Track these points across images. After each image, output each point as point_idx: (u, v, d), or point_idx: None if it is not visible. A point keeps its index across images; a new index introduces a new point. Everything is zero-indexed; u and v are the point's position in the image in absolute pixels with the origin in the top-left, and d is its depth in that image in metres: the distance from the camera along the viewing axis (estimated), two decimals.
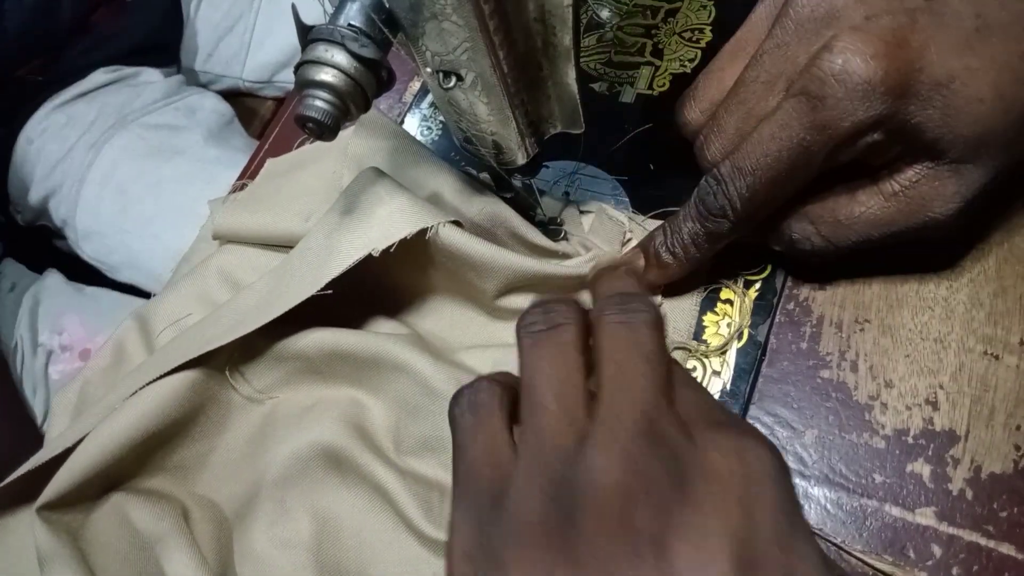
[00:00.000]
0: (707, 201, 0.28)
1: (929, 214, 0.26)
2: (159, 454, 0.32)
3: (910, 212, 0.27)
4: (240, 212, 0.38)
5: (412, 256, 0.31)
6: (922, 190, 0.26)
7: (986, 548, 0.26)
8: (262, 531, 0.30)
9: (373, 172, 0.31)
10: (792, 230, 0.29)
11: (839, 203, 0.28)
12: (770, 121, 0.26)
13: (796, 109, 0.25)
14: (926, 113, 0.24)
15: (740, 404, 0.30)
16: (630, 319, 0.22)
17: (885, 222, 0.27)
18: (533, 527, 0.19)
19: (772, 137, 0.26)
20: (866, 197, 0.27)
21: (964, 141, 0.25)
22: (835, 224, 0.28)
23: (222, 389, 0.33)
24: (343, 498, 0.30)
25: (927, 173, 0.26)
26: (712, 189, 0.28)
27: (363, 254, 0.29)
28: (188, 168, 0.74)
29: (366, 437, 0.32)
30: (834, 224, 0.28)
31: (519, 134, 0.28)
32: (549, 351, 0.22)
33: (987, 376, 0.28)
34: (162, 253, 0.71)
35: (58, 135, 0.77)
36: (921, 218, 0.27)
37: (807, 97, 0.25)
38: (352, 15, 0.24)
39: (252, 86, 0.89)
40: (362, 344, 0.31)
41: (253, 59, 0.87)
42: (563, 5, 0.24)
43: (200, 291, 0.37)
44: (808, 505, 0.28)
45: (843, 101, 0.24)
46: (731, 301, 0.32)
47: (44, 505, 0.30)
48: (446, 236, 0.30)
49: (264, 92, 0.90)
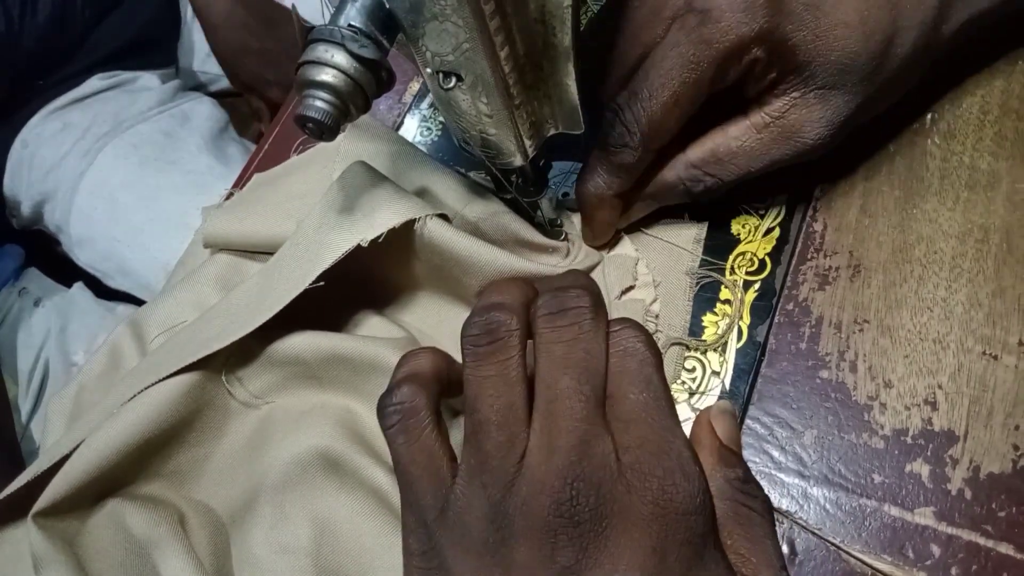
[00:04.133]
0: (609, 134, 0.29)
1: (799, 140, 0.28)
2: (155, 460, 0.32)
3: (783, 140, 0.28)
4: (229, 219, 0.38)
5: (399, 251, 0.31)
6: (791, 119, 0.28)
7: (985, 548, 0.26)
8: (261, 536, 0.30)
9: (360, 166, 0.31)
10: (682, 178, 0.30)
11: (716, 143, 0.29)
12: (661, 45, 0.27)
13: (684, 26, 0.27)
14: (800, 35, 0.26)
15: (740, 404, 0.30)
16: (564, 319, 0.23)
17: (761, 153, 0.29)
18: (474, 542, 0.22)
19: (663, 57, 0.27)
20: (739, 132, 0.29)
21: (830, 65, 0.26)
22: (717, 163, 0.29)
23: (218, 394, 0.33)
24: (342, 502, 0.30)
25: (796, 102, 0.27)
26: (611, 120, 0.29)
27: (351, 245, 0.29)
28: (180, 178, 0.74)
29: (363, 442, 0.32)
30: (716, 163, 0.29)
31: (519, 134, 0.28)
32: (490, 370, 0.23)
33: (986, 376, 0.28)
34: (151, 263, 0.71)
35: (52, 141, 0.76)
36: (793, 145, 0.28)
37: (693, 14, 0.26)
38: (352, 16, 0.24)
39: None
40: (359, 349, 0.31)
41: None
42: (563, 5, 0.24)
43: (195, 297, 0.37)
44: (807, 505, 0.28)
45: (727, 14, 0.26)
46: (730, 301, 0.32)
47: (40, 512, 0.30)
48: (432, 230, 0.30)
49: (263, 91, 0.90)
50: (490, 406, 0.23)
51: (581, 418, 0.22)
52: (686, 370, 0.31)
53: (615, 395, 0.23)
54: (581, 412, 0.22)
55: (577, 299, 0.23)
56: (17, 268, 0.77)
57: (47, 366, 0.68)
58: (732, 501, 0.24)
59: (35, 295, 0.74)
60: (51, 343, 0.69)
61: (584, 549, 0.20)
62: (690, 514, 0.21)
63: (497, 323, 0.23)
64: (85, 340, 0.70)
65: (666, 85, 0.27)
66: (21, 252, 0.79)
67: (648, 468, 0.21)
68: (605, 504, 0.21)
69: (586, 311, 0.23)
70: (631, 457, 0.22)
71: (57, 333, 0.70)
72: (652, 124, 0.28)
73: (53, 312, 0.72)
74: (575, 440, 0.21)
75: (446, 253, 0.30)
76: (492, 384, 0.23)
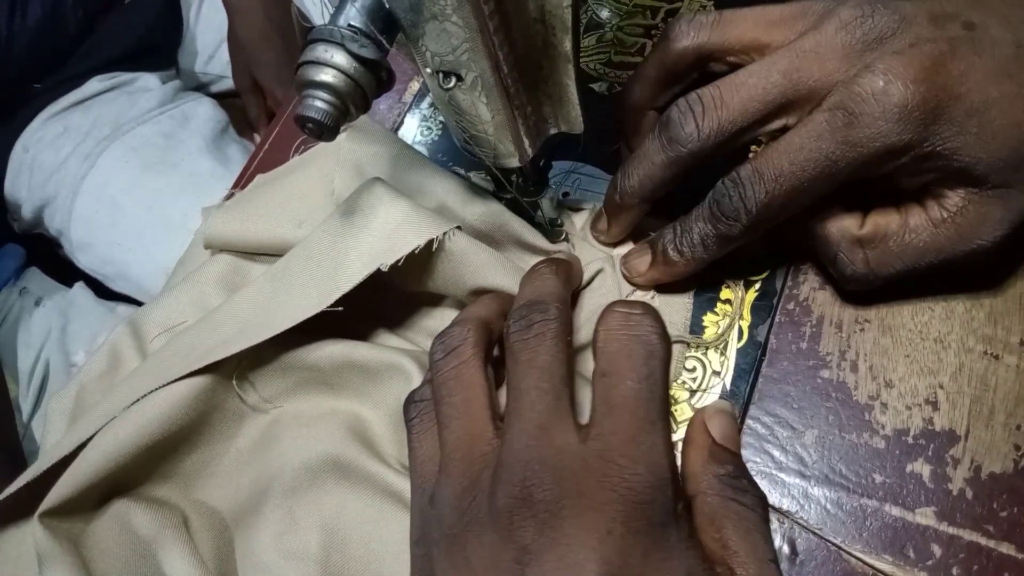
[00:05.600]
0: (722, 203, 0.28)
1: (977, 241, 0.26)
2: (163, 462, 0.32)
3: (958, 239, 0.27)
4: (229, 219, 0.37)
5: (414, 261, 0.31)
6: (969, 216, 0.26)
7: (986, 548, 0.26)
8: (269, 541, 0.30)
9: (375, 181, 0.31)
10: (841, 248, 0.29)
11: (890, 229, 0.28)
12: (799, 130, 0.26)
13: (830, 122, 0.25)
14: (961, 139, 0.25)
15: (740, 404, 0.30)
16: (529, 332, 0.25)
17: (934, 249, 0.27)
18: (449, 529, 0.23)
19: (800, 147, 0.26)
20: (916, 223, 0.27)
21: (1004, 165, 0.25)
22: (884, 250, 0.28)
23: (228, 397, 0.32)
24: (351, 509, 0.30)
25: (972, 199, 0.26)
26: (728, 191, 0.28)
27: (372, 269, 0.29)
28: (180, 181, 0.74)
29: (373, 447, 0.32)
30: (883, 250, 0.28)
31: (519, 134, 0.28)
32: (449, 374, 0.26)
33: (987, 376, 0.28)
34: (152, 267, 0.71)
35: (53, 145, 0.76)
36: (969, 245, 0.27)
37: (844, 112, 0.25)
38: (352, 16, 0.24)
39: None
40: (373, 356, 0.31)
41: None
42: (563, 6, 0.24)
43: (196, 297, 0.37)
44: (808, 505, 0.28)
45: (878, 121, 0.25)
46: (731, 301, 0.32)
47: (45, 511, 0.30)
48: (449, 243, 0.30)
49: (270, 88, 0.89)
50: (450, 403, 0.25)
51: (540, 409, 0.23)
52: (687, 370, 0.31)
53: (612, 376, 0.24)
54: (540, 404, 0.23)
55: (543, 313, 0.25)
56: (18, 268, 0.78)
57: (48, 366, 0.68)
58: (721, 496, 0.24)
59: (36, 295, 0.74)
60: (52, 343, 0.69)
61: (540, 529, 0.21)
62: (647, 503, 0.21)
63: (452, 335, 0.27)
64: (86, 340, 0.70)
65: (797, 175, 0.26)
66: (22, 252, 0.79)
67: (612, 455, 0.22)
68: (562, 486, 0.21)
69: (550, 322, 0.25)
70: (600, 444, 0.22)
71: (58, 333, 0.70)
72: (771, 208, 0.27)
73: (54, 312, 0.72)
74: (532, 427, 0.23)
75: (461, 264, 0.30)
76: (450, 386, 0.26)
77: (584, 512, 0.21)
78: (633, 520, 0.21)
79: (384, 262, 0.29)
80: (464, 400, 0.25)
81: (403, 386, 0.31)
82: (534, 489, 0.21)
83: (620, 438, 0.22)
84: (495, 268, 0.31)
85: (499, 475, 0.22)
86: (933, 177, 0.26)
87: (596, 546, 0.20)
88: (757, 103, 0.27)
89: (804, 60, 0.26)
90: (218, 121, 0.82)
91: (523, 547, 0.21)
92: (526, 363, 0.25)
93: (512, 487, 0.22)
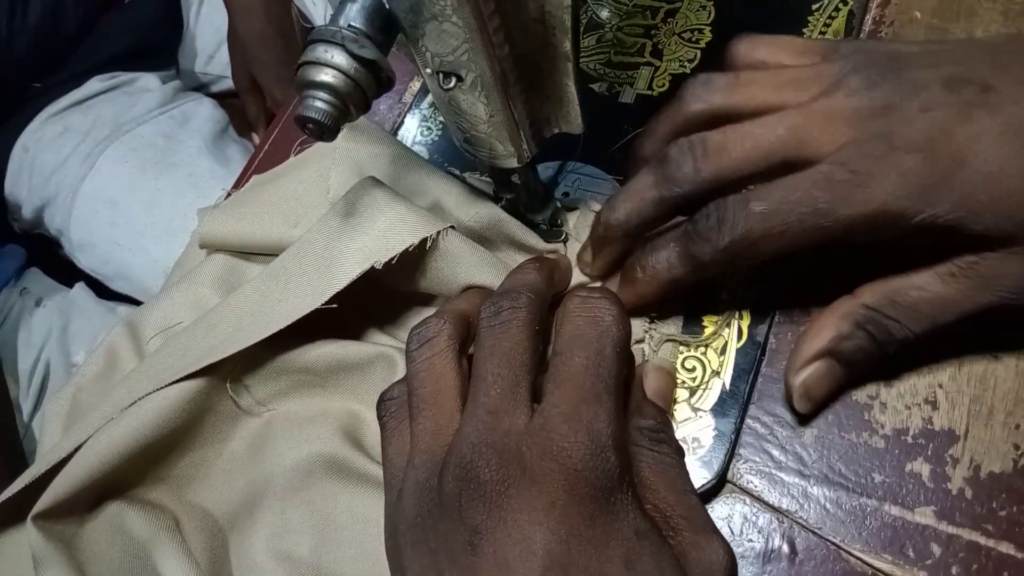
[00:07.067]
0: (699, 222, 0.27)
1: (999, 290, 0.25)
2: (156, 464, 0.32)
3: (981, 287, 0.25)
4: (225, 220, 0.37)
5: (407, 260, 0.31)
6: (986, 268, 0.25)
7: (985, 547, 0.26)
8: (262, 543, 0.30)
9: (370, 181, 0.31)
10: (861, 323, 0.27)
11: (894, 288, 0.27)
12: (800, 175, 0.26)
13: (829, 175, 0.25)
14: (968, 206, 0.24)
15: (740, 404, 0.30)
16: (497, 319, 0.25)
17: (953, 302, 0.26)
18: (414, 520, 0.23)
19: (795, 187, 0.26)
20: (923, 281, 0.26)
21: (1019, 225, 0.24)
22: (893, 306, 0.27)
23: (221, 400, 0.33)
24: (344, 508, 0.30)
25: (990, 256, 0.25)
26: (709, 211, 0.27)
27: (366, 267, 0.29)
28: (180, 181, 0.74)
29: (365, 446, 0.32)
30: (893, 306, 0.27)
31: (519, 135, 0.28)
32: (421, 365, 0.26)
33: (986, 375, 0.28)
34: (152, 267, 0.71)
35: (53, 145, 0.76)
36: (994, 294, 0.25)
37: (846, 168, 0.25)
38: (352, 16, 0.24)
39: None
40: (365, 354, 0.32)
41: None
42: (563, 6, 0.24)
43: (192, 298, 0.37)
44: (807, 504, 0.28)
45: (876, 185, 0.25)
46: (731, 301, 0.32)
47: (39, 514, 0.30)
48: (443, 243, 0.30)
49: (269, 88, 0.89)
50: (421, 395, 0.25)
51: (494, 395, 0.23)
52: (686, 369, 0.31)
53: (563, 355, 0.24)
54: (495, 390, 0.24)
55: (512, 301, 0.26)
56: (18, 268, 0.78)
57: (48, 366, 0.68)
58: (637, 446, 0.25)
59: (36, 295, 0.74)
60: (52, 343, 0.69)
61: (489, 509, 0.21)
62: (588, 470, 0.21)
63: (427, 326, 0.27)
64: (86, 340, 0.70)
65: (782, 215, 0.26)
66: (23, 252, 0.79)
67: (552, 426, 0.22)
68: (507, 464, 0.22)
69: (519, 310, 0.25)
70: (542, 418, 0.23)
71: (58, 333, 0.70)
72: (745, 240, 0.26)
73: (54, 312, 0.72)
74: (484, 412, 0.23)
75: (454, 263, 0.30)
76: (422, 378, 0.26)
77: (529, 487, 0.21)
78: (576, 488, 0.21)
79: (378, 260, 0.29)
80: (434, 392, 0.25)
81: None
82: (480, 470, 0.22)
83: (560, 410, 0.23)
84: (488, 268, 0.31)
85: (448, 461, 0.23)
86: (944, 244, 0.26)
87: (542, 519, 0.21)
88: (759, 154, 0.27)
89: (812, 120, 0.26)
90: (218, 121, 0.82)
91: (474, 528, 0.21)
92: (489, 349, 0.25)
93: (460, 470, 0.22)
